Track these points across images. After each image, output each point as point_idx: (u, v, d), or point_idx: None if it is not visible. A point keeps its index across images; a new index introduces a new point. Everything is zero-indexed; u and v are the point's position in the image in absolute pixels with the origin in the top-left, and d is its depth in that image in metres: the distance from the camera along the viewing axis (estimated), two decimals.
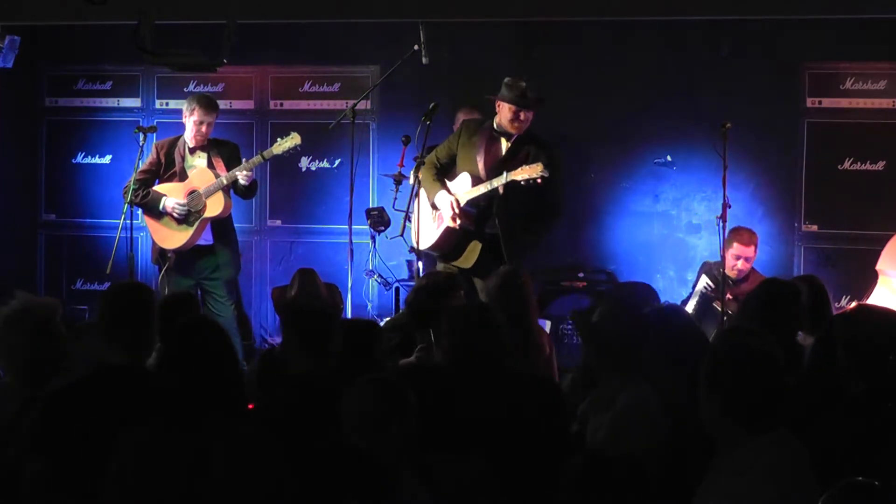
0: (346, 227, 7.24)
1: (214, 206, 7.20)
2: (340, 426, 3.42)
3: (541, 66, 8.35)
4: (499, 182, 6.43)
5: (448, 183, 6.69)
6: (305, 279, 6.79)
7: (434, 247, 6.71)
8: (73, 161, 9.03)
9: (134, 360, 3.82)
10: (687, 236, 8.23)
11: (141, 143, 7.37)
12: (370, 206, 7.87)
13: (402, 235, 6.90)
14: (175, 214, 7.16)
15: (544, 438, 3.98)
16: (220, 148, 7.37)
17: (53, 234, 9.10)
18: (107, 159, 8.97)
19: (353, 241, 7.27)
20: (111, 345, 3.85)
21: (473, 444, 3.86)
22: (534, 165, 6.35)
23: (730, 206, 6.72)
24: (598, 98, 8.22)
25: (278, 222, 8.80)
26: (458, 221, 6.55)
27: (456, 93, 7.11)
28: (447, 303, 5.38)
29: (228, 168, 7.21)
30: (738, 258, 7.02)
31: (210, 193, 7.18)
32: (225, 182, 7.16)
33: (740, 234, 7.08)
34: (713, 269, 7.11)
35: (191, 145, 7.28)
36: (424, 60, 6.97)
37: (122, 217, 7.33)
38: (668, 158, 7.94)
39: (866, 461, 3.40)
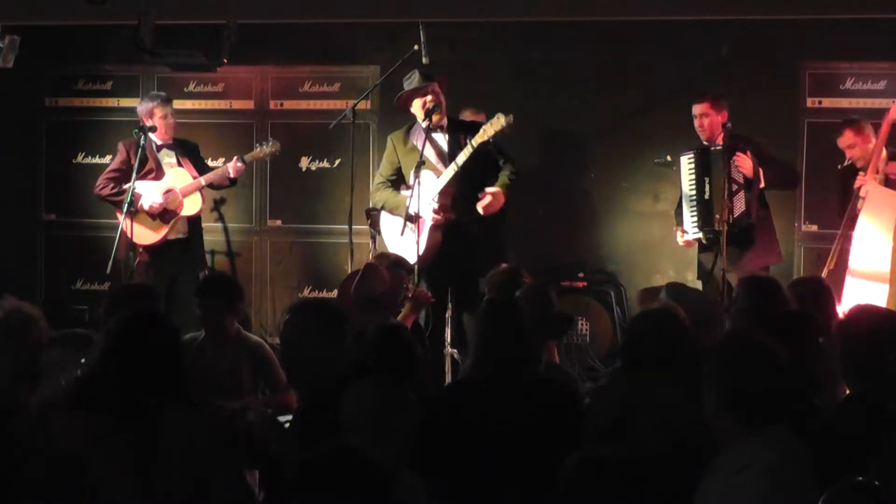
0: (346, 227, 7.26)
1: (191, 206, 7.54)
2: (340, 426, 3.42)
3: (541, 66, 8.37)
4: (466, 153, 6.59)
5: (407, 192, 6.83)
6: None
7: (426, 252, 6.71)
8: (74, 161, 9.02)
9: None
10: None
11: (141, 144, 7.43)
12: (370, 206, 7.86)
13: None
14: (153, 211, 7.43)
15: (556, 445, 3.83)
16: (185, 147, 7.71)
17: (53, 234, 9.09)
18: (107, 159, 8.93)
19: (353, 241, 7.28)
20: None
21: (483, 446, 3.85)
22: (493, 120, 6.53)
23: (730, 206, 6.72)
24: (597, 98, 8.22)
25: (278, 222, 8.79)
26: (441, 214, 6.69)
27: (456, 93, 7.11)
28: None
29: (196, 166, 7.59)
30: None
31: (188, 193, 7.50)
32: (203, 184, 7.52)
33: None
34: None
35: (159, 143, 7.56)
36: (424, 60, 6.97)
37: (123, 217, 7.37)
38: (668, 158, 7.94)
39: (866, 461, 3.40)
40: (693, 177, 6.95)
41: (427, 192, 6.68)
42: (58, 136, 9.07)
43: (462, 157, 6.60)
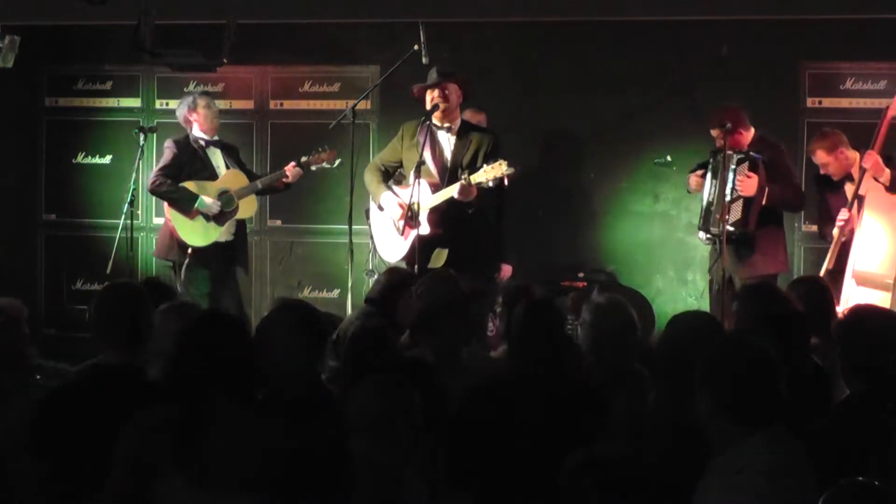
0: (346, 227, 7.26)
1: (247, 209, 7.52)
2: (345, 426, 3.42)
3: (540, 66, 8.36)
4: (461, 185, 6.54)
5: (402, 190, 6.85)
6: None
7: (407, 257, 6.75)
8: (73, 161, 9.02)
9: (129, 359, 3.80)
10: (687, 236, 8.20)
11: (141, 144, 7.44)
12: (370, 206, 7.86)
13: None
14: (211, 213, 7.33)
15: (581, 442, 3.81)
16: (230, 151, 7.66)
17: (53, 234, 9.09)
18: (107, 159, 8.96)
19: (353, 241, 7.28)
20: (106, 345, 3.84)
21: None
22: (495, 164, 6.46)
23: (730, 207, 6.71)
24: (597, 98, 8.22)
25: (278, 222, 8.80)
26: (430, 229, 6.69)
27: None
28: (399, 298, 5.48)
29: (243, 171, 7.56)
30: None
31: (243, 196, 7.43)
32: (260, 187, 7.50)
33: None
34: None
35: (207, 138, 7.49)
36: (424, 60, 6.98)
37: (123, 217, 7.38)
38: (668, 158, 7.94)
39: (866, 461, 3.40)
40: (706, 178, 6.98)
41: (420, 201, 6.67)
42: (58, 136, 9.07)
43: (451, 190, 6.61)
